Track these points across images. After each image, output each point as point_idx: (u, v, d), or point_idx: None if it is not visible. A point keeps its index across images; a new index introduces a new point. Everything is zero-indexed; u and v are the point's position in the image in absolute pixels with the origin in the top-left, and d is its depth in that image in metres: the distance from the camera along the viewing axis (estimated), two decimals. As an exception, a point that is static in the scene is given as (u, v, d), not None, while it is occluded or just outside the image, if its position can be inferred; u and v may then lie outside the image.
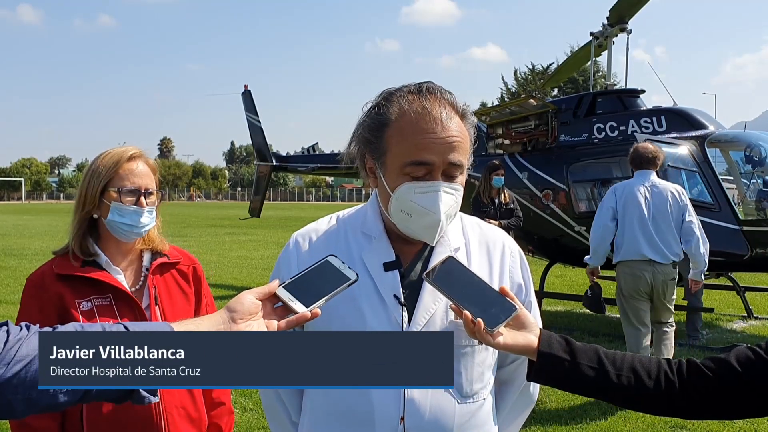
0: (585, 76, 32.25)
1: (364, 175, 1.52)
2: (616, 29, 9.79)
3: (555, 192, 8.59)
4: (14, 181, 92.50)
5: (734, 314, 9.01)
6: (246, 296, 1.23)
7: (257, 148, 14.15)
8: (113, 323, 1.11)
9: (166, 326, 1.13)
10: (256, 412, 5.03)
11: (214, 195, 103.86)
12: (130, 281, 2.02)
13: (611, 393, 1.31)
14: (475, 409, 1.47)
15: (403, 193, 1.39)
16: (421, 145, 1.37)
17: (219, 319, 1.19)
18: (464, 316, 1.28)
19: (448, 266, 1.36)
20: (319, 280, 1.29)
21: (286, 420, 1.64)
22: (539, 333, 1.32)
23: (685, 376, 1.30)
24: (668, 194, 5.20)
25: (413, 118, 1.38)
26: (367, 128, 1.45)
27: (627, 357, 1.33)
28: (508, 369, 1.61)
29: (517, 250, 1.60)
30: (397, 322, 1.43)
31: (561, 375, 1.30)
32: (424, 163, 1.37)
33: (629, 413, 5.02)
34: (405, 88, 1.44)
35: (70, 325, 1.07)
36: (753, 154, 7.62)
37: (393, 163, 1.41)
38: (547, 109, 9.12)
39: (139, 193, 1.99)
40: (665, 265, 5.18)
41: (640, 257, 5.19)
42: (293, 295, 1.25)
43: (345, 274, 1.32)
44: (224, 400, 2.21)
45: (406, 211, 1.40)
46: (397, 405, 1.40)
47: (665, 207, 5.17)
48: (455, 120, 1.40)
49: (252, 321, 1.21)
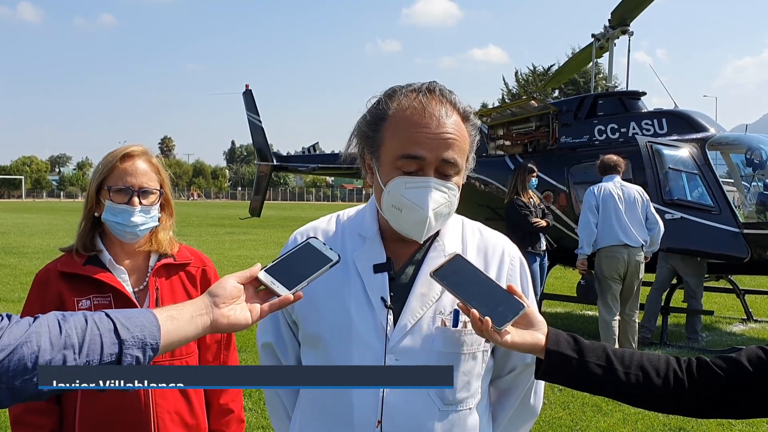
0: (586, 78, 32.26)
1: (365, 174, 1.52)
2: (618, 31, 9.80)
3: (555, 193, 8.60)
4: (14, 179, 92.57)
5: (734, 317, 9.02)
6: (228, 280, 1.22)
7: (258, 148, 14.17)
8: (96, 311, 1.10)
9: (148, 313, 1.13)
10: (255, 411, 5.03)
11: (214, 194, 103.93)
12: (135, 282, 2.00)
13: (619, 391, 1.30)
14: (458, 418, 1.45)
15: (394, 187, 1.39)
16: (414, 139, 1.37)
17: (201, 304, 1.18)
18: (472, 315, 1.27)
19: (455, 264, 1.34)
20: (301, 263, 1.28)
21: (284, 415, 1.66)
22: (547, 331, 1.31)
23: (695, 375, 1.30)
24: (634, 192, 6.53)
25: (410, 112, 1.38)
26: (365, 122, 1.46)
27: (636, 355, 1.32)
28: (506, 379, 1.59)
29: (518, 256, 1.57)
30: (381, 325, 1.42)
31: (569, 373, 1.29)
32: (415, 157, 1.37)
33: (628, 416, 5.03)
34: (408, 86, 1.45)
35: (52, 314, 1.06)
36: (753, 157, 7.63)
37: (386, 156, 1.41)
38: (548, 110, 9.13)
39: (131, 192, 1.94)
40: (636, 248, 6.50)
41: (617, 242, 6.48)
42: (276, 279, 1.24)
43: (327, 255, 1.30)
44: (233, 408, 2.14)
45: (397, 206, 1.40)
46: (375, 408, 1.39)
47: (634, 202, 6.48)
48: (454, 119, 1.40)
49: (235, 305, 1.20)
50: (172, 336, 1.13)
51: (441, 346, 1.43)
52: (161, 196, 2.04)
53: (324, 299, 1.47)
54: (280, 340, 1.60)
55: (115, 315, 1.09)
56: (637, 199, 6.50)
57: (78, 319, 1.06)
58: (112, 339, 1.06)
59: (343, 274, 1.47)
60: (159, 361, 1.93)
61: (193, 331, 1.16)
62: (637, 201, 6.49)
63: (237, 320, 1.20)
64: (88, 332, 1.05)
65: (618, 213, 6.46)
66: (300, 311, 1.51)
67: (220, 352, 2.12)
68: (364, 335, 1.43)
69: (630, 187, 6.61)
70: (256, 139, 14.18)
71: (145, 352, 1.08)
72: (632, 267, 6.50)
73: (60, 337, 1.02)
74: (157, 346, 1.10)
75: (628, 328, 6.65)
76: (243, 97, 14.30)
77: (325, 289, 1.47)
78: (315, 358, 1.51)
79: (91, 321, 1.07)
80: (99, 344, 1.05)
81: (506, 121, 9.66)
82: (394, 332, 1.42)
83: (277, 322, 1.60)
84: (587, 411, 5.15)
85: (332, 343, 1.45)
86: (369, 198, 1.59)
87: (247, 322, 1.21)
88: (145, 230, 1.99)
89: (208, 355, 2.10)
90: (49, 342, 1.01)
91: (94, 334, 1.05)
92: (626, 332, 6.64)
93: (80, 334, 1.04)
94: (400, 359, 1.41)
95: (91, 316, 1.08)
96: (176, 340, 1.14)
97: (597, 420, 4.97)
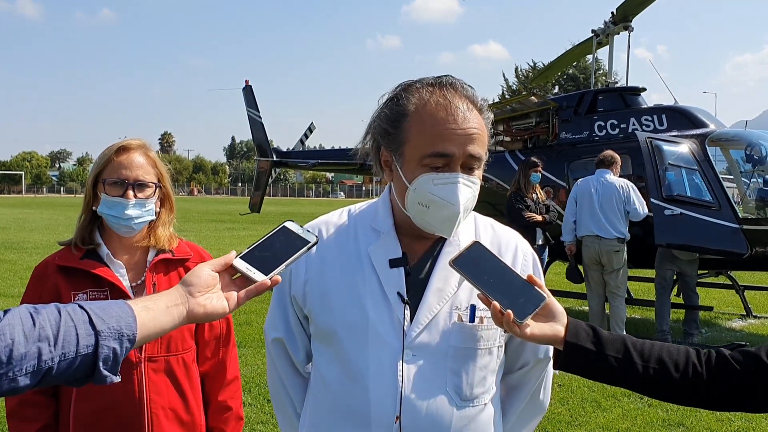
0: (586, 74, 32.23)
1: (378, 170, 1.49)
2: (619, 27, 9.78)
3: (555, 189, 8.59)
4: (15, 174, 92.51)
5: (733, 313, 9.01)
6: (203, 269, 1.19)
7: (258, 144, 14.15)
8: (71, 304, 1.07)
9: (123, 303, 1.10)
10: (254, 406, 5.04)
11: (214, 190, 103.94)
12: (132, 277, 1.99)
13: (637, 383, 1.31)
14: (474, 413, 1.44)
15: (422, 184, 1.37)
16: (442, 135, 1.35)
17: (176, 294, 1.16)
18: (493, 307, 1.25)
19: (474, 252, 1.31)
20: (277, 247, 1.24)
21: (291, 411, 1.64)
22: (566, 322, 1.30)
23: (713, 369, 1.30)
24: (614, 187, 6.90)
25: (434, 108, 1.37)
26: (384, 119, 1.43)
27: (656, 347, 1.32)
28: (517, 375, 1.58)
29: (530, 251, 1.57)
30: (399, 321, 1.41)
31: (587, 365, 1.30)
32: (444, 154, 1.35)
33: (628, 411, 5.04)
34: (424, 80, 1.43)
35: (23, 306, 1.02)
36: (753, 153, 7.63)
37: (412, 154, 1.38)
38: (548, 106, 9.12)
39: (126, 185, 1.93)
40: (610, 240, 6.91)
41: (589, 233, 7.01)
42: (251, 265, 1.20)
43: (304, 237, 1.26)
44: (232, 405, 2.12)
45: (424, 203, 1.38)
46: (394, 404, 1.39)
47: (611, 196, 6.87)
48: (474, 113, 1.39)
49: (211, 294, 1.17)
50: (148, 326, 1.10)
51: (458, 341, 1.42)
52: (158, 190, 2.02)
53: (338, 293, 1.46)
54: (290, 335, 1.58)
55: (90, 306, 1.06)
56: (615, 194, 6.85)
57: (51, 311, 1.03)
58: (87, 330, 1.03)
59: (358, 269, 1.46)
60: (155, 356, 1.93)
61: (169, 322, 1.13)
62: (614, 195, 6.85)
63: (213, 309, 1.17)
64: (63, 324, 1.02)
65: (592, 206, 6.92)
66: (312, 305, 1.49)
67: (219, 348, 2.11)
68: (380, 331, 1.41)
69: (612, 181, 6.93)
70: (256, 135, 14.17)
71: (122, 343, 1.05)
72: (604, 257, 6.95)
73: (34, 330, 0.99)
74: (134, 337, 1.07)
75: (613, 311, 7.04)
76: (243, 93, 14.28)
77: (338, 283, 1.46)
78: (328, 352, 1.49)
79: (65, 313, 1.03)
80: (74, 336, 1.02)
81: (506, 117, 9.64)
82: (411, 327, 1.41)
83: (286, 317, 1.58)
84: (586, 407, 5.16)
85: (347, 339, 1.44)
86: (368, 194, 1.58)
87: (224, 310, 1.18)
88: (140, 223, 1.98)
89: (207, 351, 2.09)
90: (23, 334, 0.97)
91: (68, 325, 1.02)
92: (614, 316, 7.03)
93: (54, 326, 1.01)
94: (417, 355, 1.40)
95: (65, 308, 1.05)
96: (153, 331, 1.11)
97: (596, 416, 4.98)
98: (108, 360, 1.05)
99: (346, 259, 1.48)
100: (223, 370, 2.11)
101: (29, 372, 0.98)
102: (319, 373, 1.52)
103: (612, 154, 7.10)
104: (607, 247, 6.90)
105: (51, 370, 1.00)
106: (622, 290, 7.15)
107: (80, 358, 1.02)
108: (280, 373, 1.63)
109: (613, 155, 7.09)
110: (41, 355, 0.98)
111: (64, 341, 1.01)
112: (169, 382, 1.95)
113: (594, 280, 7.17)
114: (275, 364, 1.63)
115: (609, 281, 7.04)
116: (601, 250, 6.93)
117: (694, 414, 4.93)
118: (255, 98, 14.09)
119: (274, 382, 1.67)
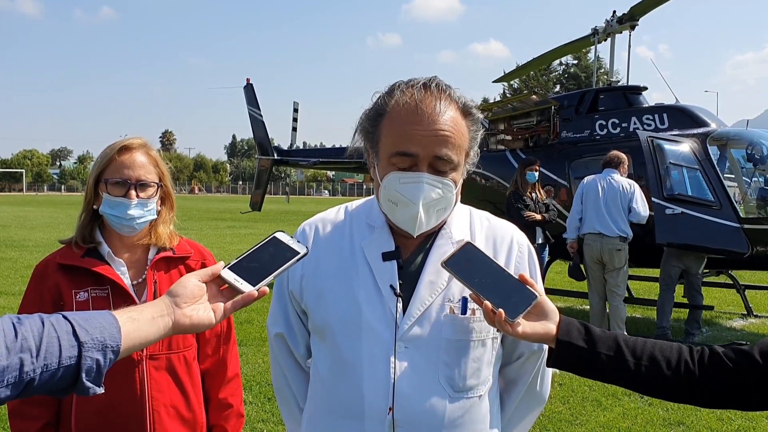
0: (587, 73, 32.21)
1: (370, 167, 1.52)
2: (626, 26, 9.77)
3: (556, 188, 8.59)
4: (15, 172, 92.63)
5: (734, 312, 9.02)
6: (189, 279, 1.18)
7: (259, 142, 14.16)
8: (54, 314, 1.06)
9: (108, 314, 1.09)
10: (255, 405, 5.04)
11: (215, 188, 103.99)
12: (133, 275, 1.99)
13: (629, 381, 1.32)
14: (469, 405, 1.46)
15: (390, 182, 1.40)
16: (406, 136, 1.38)
17: (162, 305, 1.15)
18: (484, 306, 1.26)
19: (466, 253, 1.32)
20: (266, 258, 1.23)
21: (294, 405, 1.67)
22: (558, 320, 1.32)
23: (706, 366, 1.31)
24: (619, 187, 6.93)
25: (402, 109, 1.39)
26: (366, 117, 1.47)
27: (648, 344, 1.33)
28: (514, 366, 1.60)
29: (526, 244, 1.58)
30: (391, 313, 1.43)
31: (578, 363, 1.31)
32: (407, 154, 1.38)
33: (628, 411, 5.04)
34: (410, 81, 1.45)
35: (6, 316, 1.01)
36: (754, 152, 7.63)
37: (383, 152, 1.42)
38: (549, 105, 9.11)
39: (128, 185, 1.93)
40: (612, 238, 6.93)
41: (593, 231, 7.02)
42: (239, 276, 1.19)
43: (294, 248, 1.26)
44: (233, 402, 2.12)
45: (392, 201, 1.41)
46: (386, 396, 1.40)
47: (616, 195, 6.91)
48: (450, 115, 1.39)
49: (197, 304, 1.17)
50: (133, 337, 1.09)
51: (450, 333, 1.44)
52: (160, 189, 2.02)
53: (332, 288, 1.48)
54: (290, 330, 1.61)
55: (73, 317, 1.05)
56: (620, 192, 6.89)
57: (34, 322, 1.01)
58: (70, 341, 1.02)
59: (352, 263, 1.48)
60: (156, 354, 1.94)
61: (154, 333, 1.12)
62: (619, 194, 6.89)
63: (200, 320, 1.16)
64: (45, 335, 1.00)
65: (597, 204, 6.94)
66: (309, 301, 1.52)
67: (220, 345, 2.11)
68: (373, 324, 1.43)
69: (618, 181, 6.96)
70: (256, 134, 14.17)
71: (105, 354, 1.04)
72: (606, 255, 6.98)
73: (16, 341, 0.97)
74: (118, 349, 1.06)
75: (612, 311, 7.05)
76: (244, 91, 14.29)
77: (333, 278, 1.48)
78: (323, 347, 1.51)
79: (48, 323, 1.02)
80: (57, 347, 1.00)
81: (507, 116, 9.65)
82: (403, 320, 1.42)
83: (286, 313, 1.60)
84: (587, 405, 5.16)
85: (341, 332, 1.46)
86: (369, 192, 1.60)
87: (211, 322, 1.17)
88: (142, 223, 1.98)
89: (208, 348, 2.09)
90: (4, 346, 0.96)
91: (51, 336, 1.00)
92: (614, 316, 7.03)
93: (37, 337, 0.99)
94: (409, 347, 1.42)
95: (48, 318, 1.03)
96: (137, 342, 1.10)
97: (597, 414, 4.98)
98: (91, 371, 1.04)
99: (341, 254, 1.51)
100: (224, 368, 2.11)
101: (10, 383, 0.97)
102: (316, 368, 1.55)
103: (619, 155, 7.12)
104: (609, 246, 6.92)
105: (33, 382, 0.99)
106: (622, 289, 7.14)
107: (63, 369, 1.01)
108: (283, 367, 1.66)
109: (620, 155, 7.11)
110: (23, 366, 0.97)
111: (47, 352, 0.99)
112: (170, 380, 1.96)
113: (595, 279, 7.18)
114: (278, 358, 1.66)
115: (608, 280, 7.05)
116: (603, 249, 6.95)
117: (694, 413, 4.93)
118: (256, 96, 14.10)
119: (277, 376, 1.70)
